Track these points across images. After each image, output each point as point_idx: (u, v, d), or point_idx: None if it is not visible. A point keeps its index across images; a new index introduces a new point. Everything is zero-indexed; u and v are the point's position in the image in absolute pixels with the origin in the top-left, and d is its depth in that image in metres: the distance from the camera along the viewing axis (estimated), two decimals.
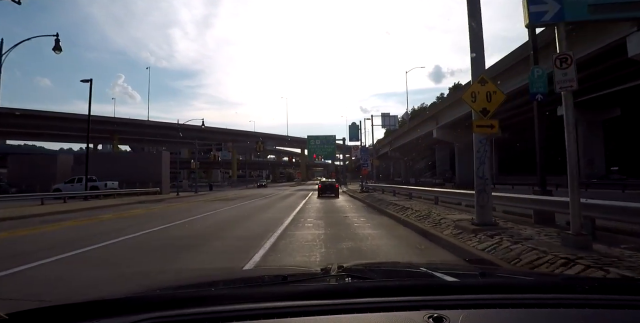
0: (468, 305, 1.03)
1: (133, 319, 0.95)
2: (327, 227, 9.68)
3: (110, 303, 1.15)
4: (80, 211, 16.26)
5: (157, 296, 1.31)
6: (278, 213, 13.65)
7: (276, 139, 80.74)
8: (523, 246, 5.19)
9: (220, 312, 0.99)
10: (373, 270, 1.93)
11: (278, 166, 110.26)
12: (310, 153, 55.47)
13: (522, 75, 19.63)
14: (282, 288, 1.31)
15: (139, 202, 22.51)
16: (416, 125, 44.13)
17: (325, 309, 1.00)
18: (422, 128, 40.37)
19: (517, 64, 21.04)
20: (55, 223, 11.55)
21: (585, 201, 5.51)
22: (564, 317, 1.02)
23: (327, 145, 56.39)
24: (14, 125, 49.13)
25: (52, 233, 9.39)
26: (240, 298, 1.13)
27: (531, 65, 8.67)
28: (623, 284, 1.73)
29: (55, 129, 52.64)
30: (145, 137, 66.70)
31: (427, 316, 0.95)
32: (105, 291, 2.66)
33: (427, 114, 39.37)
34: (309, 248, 6.58)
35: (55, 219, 12.76)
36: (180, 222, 11.34)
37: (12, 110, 45.34)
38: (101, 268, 5.45)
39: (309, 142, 55.76)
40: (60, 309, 1.07)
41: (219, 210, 15.80)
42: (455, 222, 7.95)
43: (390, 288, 1.21)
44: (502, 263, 4.77)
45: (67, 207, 18.04)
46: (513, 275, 2.09)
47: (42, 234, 9.23)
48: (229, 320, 0.95)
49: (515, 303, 1.05)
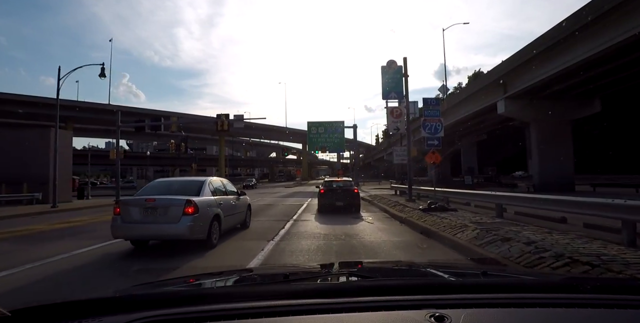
0: (469, 304, 1.02)
1: (134, 317, 0.94)
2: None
3: (110, 301, 1.15)
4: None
5: (156, 294, 1.34)
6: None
7: (272, 131, 68.17)
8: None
9: (220, 310, 0.98)
10: (374, 269, 2.01)
11: (277, 163, 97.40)
12: (311, 144, 42.55)
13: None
14: (284, 286, 1.30)
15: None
16: (464, 100, 31.14)
17: (327, 308, 0.98)
18: (477, 101, 27.52)
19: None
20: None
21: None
22: (565, 316, 1.01)
23: (333, 134, 43.35)
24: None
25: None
26: (241, 296, 1.12)
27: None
28: (624, 284, 1.73)
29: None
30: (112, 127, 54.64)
31: (428, 315, 0.94)
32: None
33: (490, 77, 26.55)
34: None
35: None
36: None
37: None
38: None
39: (309, 130, 42.83)
40: (60, 306, 1.06)
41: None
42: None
43: (392, 287, 1.21)
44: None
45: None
46: (515, 274, 2.03)
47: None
48: (229, 318, 0.94)
49: (517, 303, 1.04)
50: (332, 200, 13.28)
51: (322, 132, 41.73)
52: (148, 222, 6.27)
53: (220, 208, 7.20)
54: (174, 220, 6.16)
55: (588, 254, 4.42)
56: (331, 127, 41.89)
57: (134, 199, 6.70)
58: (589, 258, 4.19)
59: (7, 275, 5.13)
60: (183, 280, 1.76)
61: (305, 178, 72.31)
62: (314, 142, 41.66)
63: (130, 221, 6.36)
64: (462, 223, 7.53)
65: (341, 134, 41.58)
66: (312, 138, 41.66)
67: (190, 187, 7.10)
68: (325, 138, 41.67)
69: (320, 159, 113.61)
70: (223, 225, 7.26)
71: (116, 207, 6.58)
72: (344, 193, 13.53)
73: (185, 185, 7.43)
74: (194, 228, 6.23)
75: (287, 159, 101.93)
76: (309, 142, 41.75)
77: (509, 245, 5.36)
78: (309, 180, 70.58)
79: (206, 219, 6.58)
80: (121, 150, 23.59)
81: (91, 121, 49.72)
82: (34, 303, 1.05)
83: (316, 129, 41.55)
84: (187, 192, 6.72)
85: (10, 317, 0.96)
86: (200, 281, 1.71)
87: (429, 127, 11.43)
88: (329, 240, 7.50)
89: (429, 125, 11.47)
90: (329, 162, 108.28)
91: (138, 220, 6.32)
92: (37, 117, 42.85)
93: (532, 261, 4.50)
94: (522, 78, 21.86)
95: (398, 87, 14.79)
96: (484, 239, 5.91)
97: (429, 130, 11.37)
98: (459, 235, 6.59)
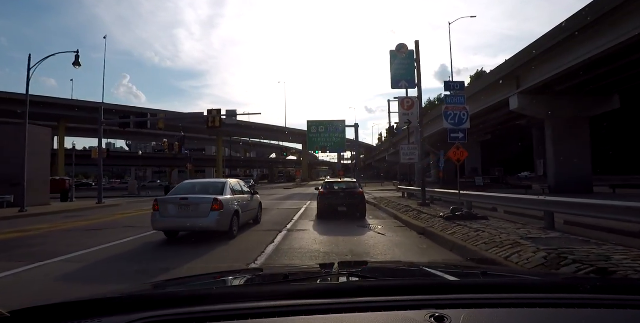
0: (469, 304, 1.01)
1: (134, 318, 0.94)
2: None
3: (110, 302, 1.15)
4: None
5: (157, 294, 1.34)
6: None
7: (272, 131, 66.37)
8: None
9: (220, 310, 0.98)
10: (374, 269, 1.99)
11: (277, 164, 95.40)
12: (311, 144, 40.86)
13: None
14: (284, 287, 1.30)
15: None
16: (472, 97, 29.11)
17: (327, 308, 0.98)
18: (488, 97, 25.57)
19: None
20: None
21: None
22: (565, 316, 1.01)
23: (334, 134, 41.64)
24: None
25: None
26: (241, 296, 1.12)
27: None
28: (625, 284, 1.68)
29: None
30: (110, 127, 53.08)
31: (428, 315, 0.93)
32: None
33: (500, 71, 24.63)
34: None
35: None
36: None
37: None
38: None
39: (309, 130, 41.21)
40: (61, 307, 1.05)
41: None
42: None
43: (392, 287, 1.20)
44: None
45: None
46: (515, 274, 2.00)
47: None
48: (229, 318, 0.93)
49: (517, 303, 1.03)
50: (333, 204, 11.46)
51: (323, 132, 39.95)
52: (182, 216, 7.54)
53: (239, 206, 8.42)
54: (204, 215, 7.41)
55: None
56: (332, 126, 40.08)
57: (170, 198, 7.91)
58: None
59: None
60: (183, 281, 1.82)
61: (305, 179, 70.22)
62: (314, 141, 39.87)
63: (167, 216, 7.62)
64: (510, 239, 5.71)
65: (342, 133, 39.78)
66: (312, 137, 39.88)
67: (215, 187, 8.37)
68: (325, 137, 39.89)
69: (321, 160, 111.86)
70: (240, 220, 8.48)
71: (155, 205, 7.77)
72: (348, 196, 11.63)
73: (210, 186, 8.65)
74: (220, 222, 7.51)
75: (287, 159, 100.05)
76: (308, 141, 40.02)
77: None
78: (309, 181, 68.43)
79: (229, 214, 7.82)
80: (104, 150, 21.76)
81: (85, 121, 47.88)
82: (33, 304, 1.04)
83: (316, 128, 39.74)
84: (213, 192, 8.02)
85: (10, 318, 0.95)
86: (200, 282, 1.73)
87: (452, 117, 9.11)
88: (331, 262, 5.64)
89: (452, 115, 9.11)
90: (330, 163, 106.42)
91: (174, 215, 7.56)
92: (30, 116, 41.18)
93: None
94: (540, 70, 19.96)
95: (409, 75, 12.80)
96: (563, 269, 4.04)
97: (452, 121, 9.11)
98: (515, 259, 4.73)
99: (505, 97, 23.29)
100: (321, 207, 11.81)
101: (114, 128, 51.35)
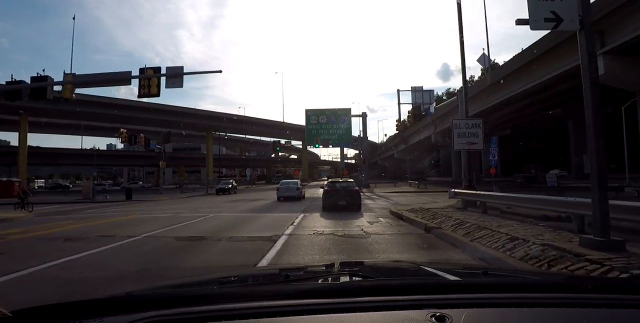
0: (470, 304, 1.01)
1: (135, 317, 0.94)
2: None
3: (111, 302, 1.14)
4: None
5: (158, 294, 1.32)
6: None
7: (268, 126, 60.25)
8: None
9: (220, 310, 0.98)
10: (375, 268, 1.95)
11: (275, 163, 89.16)
12: (310, 137, 34.54)
13: None
14: (285, 286, 1.29)
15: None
16: (523, 67, 22.31)
17: (328, 308, 0.98)
18: (556, 62, 18.75)
19: None
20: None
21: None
22: (566, 316, 1.01)
23: (337, 125, 35.03)
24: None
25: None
26: (242, 296, 1.11)
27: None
28: (625, 284, 1.71)
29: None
30: (72, 121, 47.07)
31: (429, 315, 0.93)
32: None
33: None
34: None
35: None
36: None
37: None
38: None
39: (308, 120, 34.90)
40: (62, 307, 1.05)
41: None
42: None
43: (393, 287, 1.20)
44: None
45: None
46: (516, 274, 1.98)
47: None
48: (230, 318, 0.93)
49: (518, 303, 1.03)
50: (335, 199, 13.85)
51: (324, 122, 33.39)
52: (287, 191, 21.32)
53: (302, 188, 23.49)
54: (295, 191, 21.42)
55: None
56: (335, 115, 33.48)
57: (283, 186, 21.82)
58: None
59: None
60: (183, 281, 1.82)
61: (305, 180, 63.03)
62: (313, 134, 33.40)
63: (282, 190, 21.44)
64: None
65: (347, 123, 33.26)
66: (311, 129, 33.45)
67: (295, 181, 23.53)
68: (327, 129, 33.36)
69: (322, 160, 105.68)
70: (302, 193, 22.66)
71: (277, 187, 21.93)
72: (347, 193, 14.03)
73: (293, 181, 23.96)
74: (300, 194, 21.68)
75: (287, 159, 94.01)
76: (307, 134, 33.63)
77: None
78: (309, 182, 61.33)
79: (301, 191, 22.47)
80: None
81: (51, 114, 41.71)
82: (35, 303, 1.04)
83: (316, 118, 33.25)
84: (295, 183, 22.67)
85: (11, 318, 0.95)
86: (201, 281, 1.76)
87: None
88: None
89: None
90: (332, 162, 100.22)
91: (284, 191, 21.26)
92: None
93: None
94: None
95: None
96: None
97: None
98: None
99: (566, 67, 16.78)
100: (325, 201, 14.31)
101: (58, 120, 44.86)
